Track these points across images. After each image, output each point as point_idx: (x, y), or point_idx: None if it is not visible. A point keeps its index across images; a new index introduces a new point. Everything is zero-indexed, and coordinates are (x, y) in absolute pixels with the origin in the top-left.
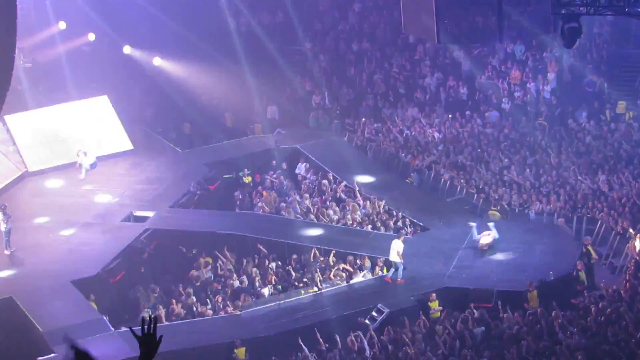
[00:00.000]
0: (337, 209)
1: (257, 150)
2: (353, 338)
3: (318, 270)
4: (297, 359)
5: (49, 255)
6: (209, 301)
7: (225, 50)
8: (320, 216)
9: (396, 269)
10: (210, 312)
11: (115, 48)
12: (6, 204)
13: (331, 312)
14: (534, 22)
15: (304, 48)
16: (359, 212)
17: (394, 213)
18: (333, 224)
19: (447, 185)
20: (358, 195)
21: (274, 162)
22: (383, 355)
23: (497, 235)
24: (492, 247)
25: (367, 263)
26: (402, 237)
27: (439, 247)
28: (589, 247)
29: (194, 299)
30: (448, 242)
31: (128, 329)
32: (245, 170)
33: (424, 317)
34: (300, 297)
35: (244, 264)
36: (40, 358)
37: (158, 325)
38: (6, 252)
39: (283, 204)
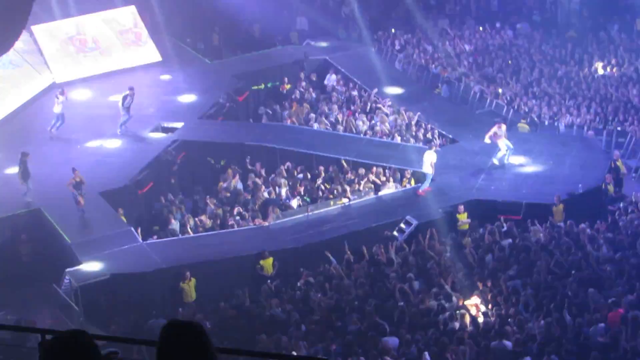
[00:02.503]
0: (366, 120)
1: (286, 61)
2: (381, 250)
3: (346, 182)
4: (325, 270)
5: (77, 167)
6: (237, 212)
7: None
8: (349, 127)
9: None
10: (239, 223)
11: None
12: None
13: (359, 224)
14: None
15: None
16: (387, 124)
17: (423, 125)
18: (362, 135)
19: (477, 97)
20: (387, 106)
21: (303, 73)
22: (411, 267)
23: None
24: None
25: (396, 175)
26: (434, 148)
27: (468, 159)
28: (619, 161)
29: (222, 210)
30: (477, 154)
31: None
32: (285, 79)
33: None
34: (329, 208)
35: (273, 175)
36: (68, 269)
37: (187, 236)
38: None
39: (312, 115)
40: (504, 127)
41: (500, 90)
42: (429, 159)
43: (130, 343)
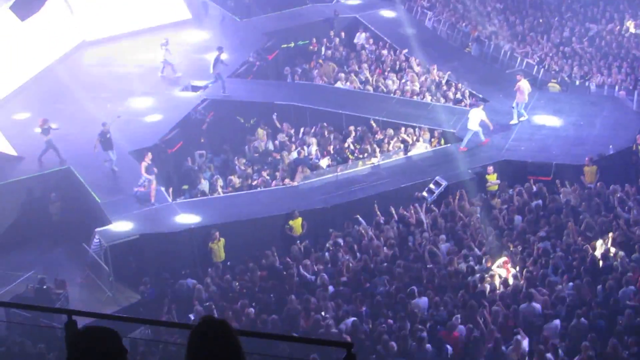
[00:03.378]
0: (396, 79)
1: (316, 19)
2: (411, 211)
3: (376, 142)
4: (354, 231)
5: (110, 124)
6: (266, 172)
7: None
8: (379, 87)
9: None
10: (268, 183)
11: None
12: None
13: (389, 185)
14: None
15: None
16: (417, 83)
17: (453, 84)
18: (392, 94)
19: (507, 56)
20: (417, 65)
21: (332, 32)
22: (440, 228)
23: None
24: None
25: (426, 135)
26: (482, 106)
27: (498, 120)
28: None
29: (252, 169)
30: (507, 115)
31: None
32: (314, 38)
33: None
34: (358, 169)
35: (302, 135)
36: (98, 229)
37: (216, 196)
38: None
39: (341, 75)
40: (522, 80)
41: (528, 50)
42: (477, 116)
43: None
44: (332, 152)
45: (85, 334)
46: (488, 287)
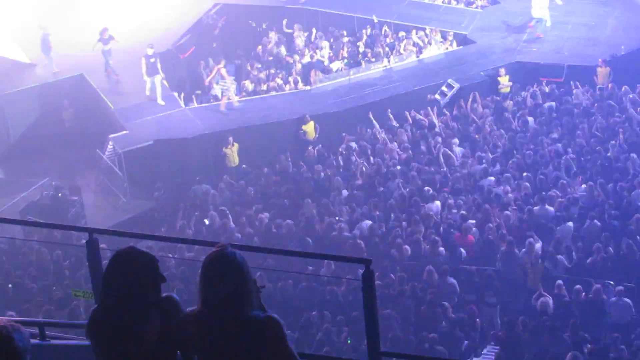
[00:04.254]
0: None
1: None
2: (424, 113)
3: (388, 44)
4: (367, 134)
5: (119, 30)
6: (279, 76)
7: None
8: None
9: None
10: (281, 87)
11: None
12: None
13: (401, 87)
14: None
15: None
16: None
17: None
18: None
19: None
20: None
21: None
22: (453, 129)
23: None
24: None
25: (438, 37)
26: None
27: (510, 21)
28: None
29: (265, 74)
30: (519, 15)
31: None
32: None
33: None
34: (370, 72)
35: (314, 38)
36: (112, 135)
37: (229, 101)
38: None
39: None
40: None
41: None
42: (539, 2)
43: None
44: (344, 55)
45: (123, 259)
46: (502, 190)
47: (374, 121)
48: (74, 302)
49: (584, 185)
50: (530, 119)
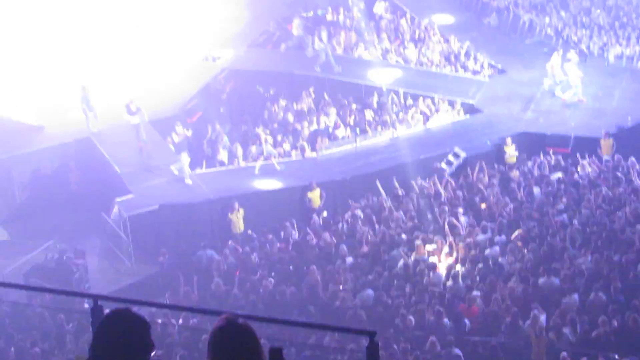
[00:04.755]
0: (414, 49)
1: None
2: (430, 182)
3: (395, 112)
4: (373, 203)
5: (126, 93)
6: (286, 143)
7: None
8: (398, 57)
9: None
10: (287, 154)
11: None
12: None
13: (407, 156)
14: None
15: None
16: (438, 53)
17: (473, 54)
18: (411, 64)
19: (526, 26)
20: (436, 35)
21: (351, 0)
22: (459, 200)
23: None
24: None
25: (445, 105)
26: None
27: (517, 90)
28: None
29: (272, 140)
30: (526, 85)
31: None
32: (329, 7)
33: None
34: (377, 139)
35: (322, 105)
36: (118, 199)
37: (235, 167)
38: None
39: (360, 44)
40: (554, 55)
41: (547, 20)
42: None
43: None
44: (351, 123)
45: (114, 321)
46: (507, 260)
47: (381, 189)
48: None
49: (589, 257)
50: (537, 190)
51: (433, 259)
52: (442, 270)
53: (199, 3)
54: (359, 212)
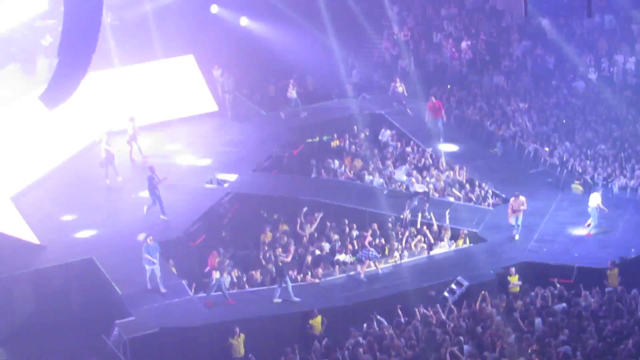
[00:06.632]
0: (420, 177)
1: (340, 115)
2: (433, 311)
3: (398, 240)
4: (374, 330)
5: (130, 216)
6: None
7: (309, 14)
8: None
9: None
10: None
11: (202, 7)
12: None
13: (410, 284)
14: None
15: (390, 12)
16: (442, 182)
17: (477, 183)
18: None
19: (531, 156)
20: (442, 164)
21: (356, 127)
22: (462, 329)
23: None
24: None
25: (448, 234)
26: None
27: (522, 219)
28: None
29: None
30: (530, 215)
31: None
32: (335, 135)
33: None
34: (380, 266)
35: (326, 230)
36: (118, 321)
37: (237, 291)
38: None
39: (365, 172)
40: (521, 198)
41: (547, 149)
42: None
43: None
44: (356, 247)
45: None
46: None
47: (381, 318)
48: None
49: None
50: (538, 320)
51: None
52: None
53: (205, 126)
54: (360, 340)
